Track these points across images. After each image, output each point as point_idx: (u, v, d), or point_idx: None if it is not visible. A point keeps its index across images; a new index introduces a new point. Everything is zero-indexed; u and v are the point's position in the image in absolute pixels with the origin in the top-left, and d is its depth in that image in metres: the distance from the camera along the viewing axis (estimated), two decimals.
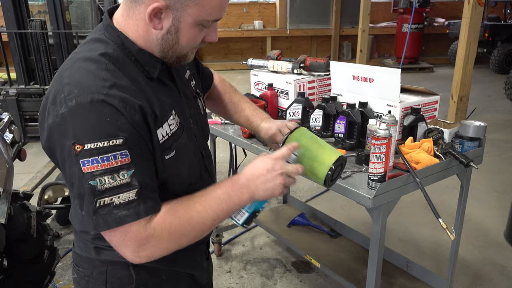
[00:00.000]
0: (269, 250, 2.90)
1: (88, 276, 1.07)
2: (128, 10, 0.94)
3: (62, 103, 0.85)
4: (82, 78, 0.87)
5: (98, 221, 0.86)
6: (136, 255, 0.90)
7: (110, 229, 0.87)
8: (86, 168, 0.83)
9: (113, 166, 0.84)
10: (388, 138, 1.47)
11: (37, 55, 4.83)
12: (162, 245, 0.92)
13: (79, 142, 0.83)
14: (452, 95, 4.91)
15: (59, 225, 3.21)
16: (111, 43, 0.94)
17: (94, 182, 0.83)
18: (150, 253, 0.91)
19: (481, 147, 1.88)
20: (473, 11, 4.53)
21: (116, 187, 0.85)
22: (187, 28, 0.93)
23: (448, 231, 1.49)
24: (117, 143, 0.84)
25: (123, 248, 0.90)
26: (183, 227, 0.93)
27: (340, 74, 2.10)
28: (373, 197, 1.47)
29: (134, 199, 0.86)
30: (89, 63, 0.90)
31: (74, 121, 0.84)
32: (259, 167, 0.99)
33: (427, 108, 1.99)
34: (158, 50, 0.96)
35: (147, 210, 0.89)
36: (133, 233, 0.88)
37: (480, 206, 3.50)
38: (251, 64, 2.53)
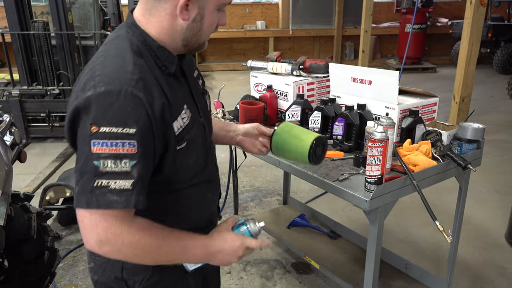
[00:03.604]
0: (269, 251, 2.90)
1: (105, 263, 1.12)
2: (150, 9, 1.02)
3: (91, 88, 0.93)
4: (113, 71, 0.96)
5: (91, 199, 0.90)
6: (99, 244, 0.93)
7: (99, 209, 0.90)
8: (94, 148, 0.90)
9: (118, 152, 0.90)
10: (384, 140, 1.47)
11: (39, 56, 4.86)
12: (124, 249, 0.96)
13: (97, 124, 0.90)
14: (454, 96, 4.90)
15: (61, 226, 3.22)
16: (135, 40, 1.02)
17: (97, 163, 0.90)
18: (110, 250, 0.95)
19: (480, 149, 1.88)
20: (475, 11, 4.52)
21: (116, 172, 0.90)
22: (209, 14, 1.04)
23: (445, 234, 1.49)
24: (129, 132, 0.91)
25: (91, 232, 0.93)
26: (150, 248, 0.99)
27: (339, 76, 2.11)
28: (369, 200, 1.47)
29: (129, 188, 0.92)
30: (118, 59, 0.98)
31: (98, 104, 0.91)
32: (228, 246, 1.11)
33: (426, 110, 1.99)
34: (181, 38, 1.04)
35: (137, 203, 0.93)
36: (108, 221, 0.92)
37: (481, 207, 3.49)
38: (250, 66, 2.53)
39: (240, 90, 2.14)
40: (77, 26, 5.38)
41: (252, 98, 2.37)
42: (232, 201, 3.58)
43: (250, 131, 1.45)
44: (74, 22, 5.27)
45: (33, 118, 4.99)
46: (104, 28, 6.01)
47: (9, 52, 4.92)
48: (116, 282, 1.13)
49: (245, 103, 2.24)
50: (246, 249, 1.13)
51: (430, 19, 9.72)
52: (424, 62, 9.72)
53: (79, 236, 3.09)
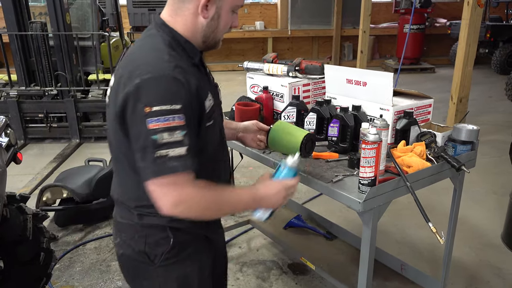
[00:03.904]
0: (265, 252, 2.90)
1: (130, 239, 1.28)
2: (176, 10, 1.21)
3: (138, 76, 1.09)
4: (153, 61, 1.13)
5: (157, 169, 1.07)
6: (174, 207, 1.11)
7: (163, 175, 1.08)
8: (151, 125, 1.06)
9: (171, 125, 1.07)
10: (378, 142, 1.47)
11: (37, 56, 4.86)
12: (195, 207, 1.15)
13: (149, 105, 1.06)
14: (452, 97, 4.90)
15: (58, 227, 3.22)
16: (166, 37, 1.20)
17: (155, 137, 1.06)
18: (184, 209, 1.13)
19: (474, 150, 1.88)
20: (473, 12, 4.53)
21: (172, 142, 1.07)
22: (225, 14, 1.23)
23: (438, 235, 1.49)
24: (177, 108, 1.08)
25: (164, 199, 1.10)
26: (214, 201, 1.19)
27: (334, 77, 2.11)
28: (363, 201, 1.48)
29: (184, 154, 1.09)
30: (155, 51, 1.16)
31: (146, 89, 1.08)
32: (270, 191, 1.32)
33: (421, 112, 1.99)
34: (201, 35, 1.23)
35: (193, 165, 1.11)
36: (178, 184, 1.10)
37: (478, 208, 3.50)
38: (247, 67, 2.53)
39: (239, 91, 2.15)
40: (75, 27, 5.38)
41: (248, 99, 2.37)
42: None
43: (250, 127, 1.70)
44: (72, 23, 5.27)
45: (31, 119, 5.00)
46: (102, 29, 6.01)
47: (7, 52, 4.92)
48: (140, 254, 1.27)
49: (240, 105, 2.25)
50: (287, 189, 1.34)
51: (429, 20, 9.72)
52: (423, 62, 9.73)
53: (76, 237, 3.10)
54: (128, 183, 1.27)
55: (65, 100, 4.86)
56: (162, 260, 1.27)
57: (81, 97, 4.97)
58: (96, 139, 5.14)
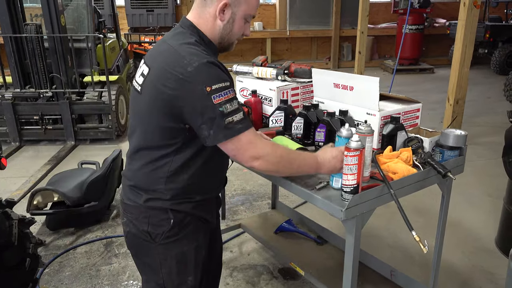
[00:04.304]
0: (256, 256, 2.88)
1: (135, 219, 1.46)
2: (199, 13, 1.42)
3: (188, 65, 1.28)
4: (194, 52, 1.33)
5: (227, 132, 1.30)
6: (253, 159, 1.35)
7: (234, 136, 1.31)
8: (216, 100, 1.28)
9: (230, 97, 1.30)
10: (360, 149, 1.45)
11: (32, 58, 4.85)
12: (271, 161, 1.38)
13: (208, 85, 1.27)
14: (448, 98, 4.87)
15: (49, 230, 3.21)
16: (194, 35, 1.41)
17: (222, 109, 1.28)
18: (264, 162, 1.36)
19: (462, 156, 1.85)
20: (469, 13, 4.49)
21: (233, 110, 1.30)
22: (238, 20, 1.42)
23: (421, 244, 1.47)
24: (227, 85, 1.31)
25: (244, 155, 1.35)
26: (287, 157, 1.44)
27: (321, 81, 2.09)
28: (345, 209, 1.45)
29: (243, 117, 1.33)
30: (189, 45, 1.35)
31: (200, 74, 1.28)
32: (328, 154, 1.52)
33: (409, 116, 1.97)
34: (219, 36, 1.43)
35: (250, 124, 1.35)
36: (248, 139, 1.33)
37: (473, 211, 3.47)
38: (236, 70, 2.51)
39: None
40: (71, 29, 5.37)
41: None
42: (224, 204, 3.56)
43: None
44: (68, 25, 5.26)
45: (26, 121, 4.98)
46: (99, 30, 5.99)
47: (2, 54, 4.92)
48: (143, 233, 1.45)
49: None
50: (342, 154, 1.48)
51: (428, 20, 9.69)
52: (422, 63, 9.70)
53: (67, 241, 3.08)
54: (143, 170, 1.44)
55: (60, 102, 4.85)
56: (163, 239, 1.44)
57: (76, 99, 4.96)
58: (92, 141, 5.14)
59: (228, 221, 3.32)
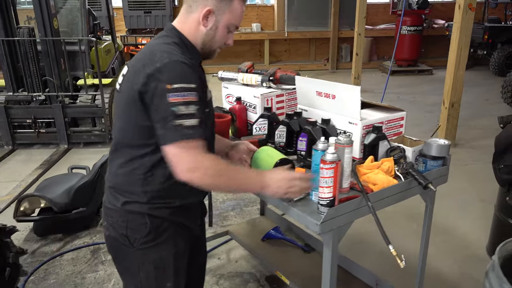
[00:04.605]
0: (244, 263, 2.85)
1: (115, 223, 1.47)
2: (184, 18, 1.45)
3: (158, 61, 1.31)
4: (168, 51, 1.35)
5: (174, 134, 1.28)
6: (190, 171, 1.30)
7: (180, 140, 1.28)
8: (171, 99, 1.27)
9: (188, 100, 1.28)
10: (336, 162, 1.42)
11: (25, 62, 4.83)
12: (209, 175, 1.32)
13: (170, 83, 1.28)
14: (444, 101, 4.83)
15: (37, 237, 3.18)
16: (175, 38, 1.43)
17: (174, 109, 1.27)
18: (200, 175, 1.31)
19: (446, 165, 1.82)
20: (464, 16, 4.46)
21: (187, 114, 1.28)
22: (221, 28, 1.45)
23: (398, 259, 1.44)
24: (192, 87, 1.30)
25: (180, 164, 1.30)
26: (226, 172, 1.38)
27: (304, 89, 2.06)
28: (320, 223, 1.42)
29: (196, 125, 1.30)
30: (167, 45, 1.39)
31: (167, 71, 1.30)
32: (277, 178, 1.46)
33: (392, 125, 1.94)
34: (201, 42, 1.45)
35: (204, 134, 1.32)
36: (193, 150, 1.29)
37: (465, 217, 3.43)
38: (221, 77, 2.49)
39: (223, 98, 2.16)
40: (65, 32, 5.35)
41: (221, 110, 2.32)
42: (214, 210, 3.53)
43: (240, 147, 1.80)
44: (62, 27, 5.24)
45: (19, 124, 4.97)
46: (93, 33, 5.97)
47: None
48: (122, 237, 1.46)
49: None
50: (290, 180, 1.45)
51: (427, 21, 9.64)
52: (421, 64, 9.64)
53: (54, 247, 3.06)
54: (121, 170, 1.45)
55: (53, 106, 4.83)
56: (140, 244, 1.45)
57: (69, 102, 4.94)
58: (85, 145, 5.11)
59: (218, 227, 3.29)
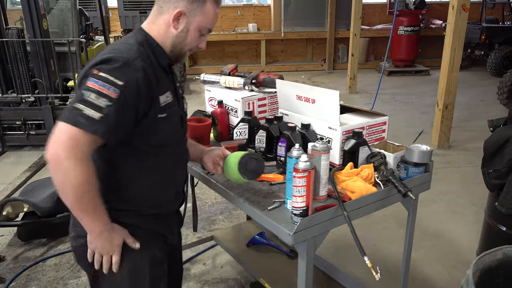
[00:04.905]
0: (229, 269, 2.80)
1: (83, 233, 1.36)
2: (153, 19, 1.40)
3: (102, 55, 1.26)
4: (121, 48, 1.30)
5: (68, 115, 1.18)
6: (54, 155, 1.15)
7: (65, 122, 1.16)
8: (89, 83, 1.20)
9: (103, 92, 1.19)
10: (308, 170, 1.37)
11: (14, 63, 4.77)
12: (71, 177, 1.17)
13: (100, 70, 1.22)
14: (438, 103, 4.77)
15: (21, 241, 3.14)
16: (140, 38, 1.38)
17: (85, 92, 1.19)
18: (60, 169, 1.16)
19: (428, 172, 1.77)
20: (458, 16, 4.41)
21: (92, 104, 1.18)
22: (193, 30, 1.39)
23: (373, 271, 1.39)
24: (117, 83, 1.21)
25: (55, 142, 1.16)
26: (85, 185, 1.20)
27: (285, 93, 2.01)
28: (293, 234, 1.37)
29: (95, 118, 1.18)
30: (126, 44, 1.33)
31: (104, 61, 1.23)
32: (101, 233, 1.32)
33: (374, 130, 1.89)
34: (170, 44, 1.39)
35: (96, 130, 1.18)
36: (70, 136, 1.16)
37: (456, 221, 3.38)
38: (203, 79, 2.44)
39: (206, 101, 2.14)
40: (56, 32, 5.30)
41: (202, 114, 2.27)
42: (202, 214, 3.49)
43: (214, 151, 1.72)
44: (53, 28, 5.19)
45: (9, 126, 4.92)
46: (86, 33, 5.92)
47: None
48: (84, 247, 1.38)
49: (192, 120, 2.15)
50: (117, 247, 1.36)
51: (424, 21, 9.57)
52: (418, 64, 9.59)
53: (37, 253, 3.01)
54: None
55: (43, 107, 4.78)
56: None
57: (59, 104, 4.89)
58: None
59: (205, 231, 3.24)
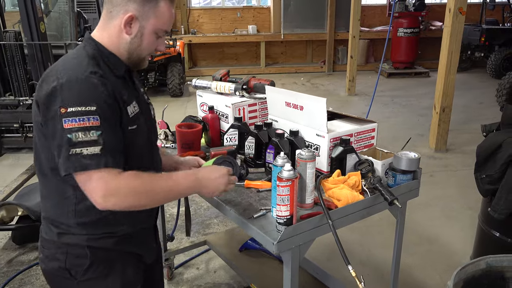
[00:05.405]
0: (222, 274, 2.80)
1: (52, 255, 1.33)
2: (103, 25, 1.31)
3: (55, 80, 1.17)
4: (71, 66, 1.21)
5: (69, 165, 1.14)
6: (104, 199, 1.16)
7: (76, 172, 1.14)
8: (66, 125, 1.13)
9: (86, 125, 1.14)
10: (292, 179, 1.37)
11: (11, 66, 4.79)
12: (126, 197, 1.19)
13: (65, 106, 1.14)
14: (435, 106, 4.77)
15: (15, 245, 3.14)
16: (90, 49, 1.28)
17: (70, 136, 1.13)
18: (116, 201, 1.18)
19: (417, 179, 1.77)
20: (454, 19, 4.40)
21: (86, 141, 1.14)
22: (148, 34, 1.31)
23: (357, 280, 1.38)
24: (91, 110, 1.15)
25: (92, 192, 1.16)
26: (144, 187, 1.22)
27: (274, 99, 2.01)
28: (276, 243, 1.37)
29: (98, 153, 1.15)
30: (75, 59, 1.25)
31: (63, 91, 1.15)
32: (215, 176, 1.40)
33: (363, 137, 1.88)
34: (126, 51, 1.31)
35: (106, 163, 1.16)
36: (97, 180, 1.15)
37: (451, 225, 3.38)
38: (195, 85, 2.44)
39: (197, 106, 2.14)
40: (54, 35, 5.32)
41: (192, 120, 2.27)
42: (197, 217, 3.49)
43: (190, 161, 1.75)
44: (52, 31, 5.21)
45: (6, 129, 4.93)
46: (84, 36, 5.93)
47: None
48: (61, 270, 1.31)
49: (182, 126, 2.15)
50: (226, 174, 1.42)
51: (423, 23, 9.56)
52: (418, 66, 9.58)
53: (32, 256, 3.02)
54: (49, 203, 1.32)
55: None
56: (83, 275, 1.31)
57: None
58: None
59: (199, 235, 3.24)
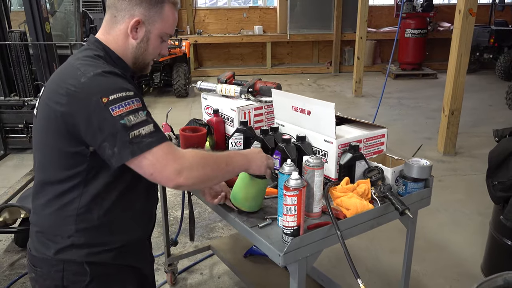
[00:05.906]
0: (227, 279, 2.75)
1: (46, 274, 1.26)
2: (108, 29, 1.31)
3: (81, 76, 1.15)
4: (91, 63, 1.21)
5: (134, 148, 1.12)
6: (177, 174, 1.14)
7: (143, 152, 1.12)
8: (115, 112, 1.12)
9: (133, 108, 1.14)
10: (299, 189, 1.31)
11: (16, 66, 4.77)
12: (196, 169, 1.18)
13: (105, 95, 1.12)
14: (444, 109, 4.69)
15: (18, 247, 3.11)
16: (99, 51, 1.28)
17: (123, 121, 1.12)
18: (188, 174, 1.16)
19: (428, 187, 1.70)
20: (464, 21, 4.32)
21: (140, 122, 1.14)
22: (154, 38, 1.32)
23: None
24: (130, 94, 1.16)
25: (164, 169, 1.14)
26: (209, 159, 1.24)
27: (281, 103, 1.95)
28: (283, 254, 1.32)
29: (153, 130, 1.16)
30: (89, 58, 1.23)
31: (96, 84, 1.15)
32: (255, 151, 1.45)
33: (372, 143, 1.82)
34: (132, 56, 1.32)
35: (164, 137, 1.17)
36: (162, 154, 1.13)
37: (461, 232, 3.30)
38: (200, 87, 2.39)
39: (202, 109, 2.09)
40: (59, 35, 5.30)
41: (197, 123, 2.22)
42: (202, 221, 3.45)
43: None
44: (57, 31, 5.18)
45: (11, 129, 4.91)
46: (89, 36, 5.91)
47: None
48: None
49: (187, 130, 2.10)
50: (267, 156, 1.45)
51: (431, 24, 9.46)
52: (426, 67, 9.47)
53: None
54: (48, 209, 1.25)
55: None
56: None
57: None
58: None
59: (204, 240, 3.19)
